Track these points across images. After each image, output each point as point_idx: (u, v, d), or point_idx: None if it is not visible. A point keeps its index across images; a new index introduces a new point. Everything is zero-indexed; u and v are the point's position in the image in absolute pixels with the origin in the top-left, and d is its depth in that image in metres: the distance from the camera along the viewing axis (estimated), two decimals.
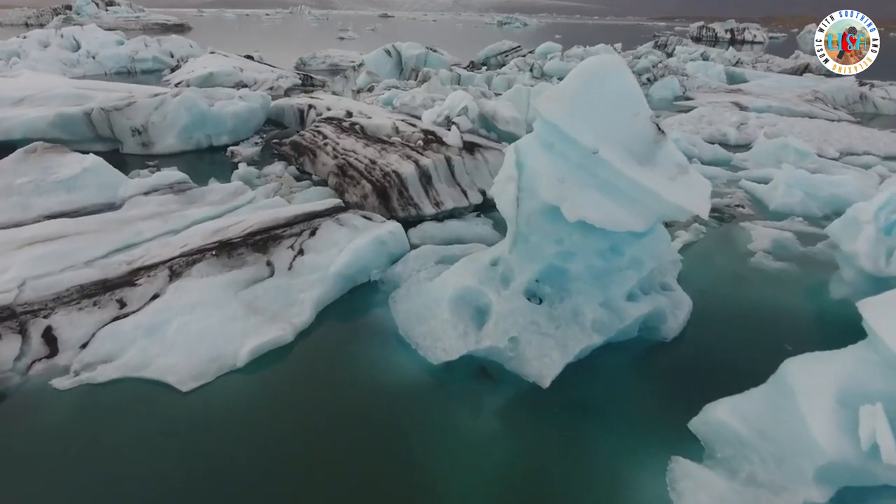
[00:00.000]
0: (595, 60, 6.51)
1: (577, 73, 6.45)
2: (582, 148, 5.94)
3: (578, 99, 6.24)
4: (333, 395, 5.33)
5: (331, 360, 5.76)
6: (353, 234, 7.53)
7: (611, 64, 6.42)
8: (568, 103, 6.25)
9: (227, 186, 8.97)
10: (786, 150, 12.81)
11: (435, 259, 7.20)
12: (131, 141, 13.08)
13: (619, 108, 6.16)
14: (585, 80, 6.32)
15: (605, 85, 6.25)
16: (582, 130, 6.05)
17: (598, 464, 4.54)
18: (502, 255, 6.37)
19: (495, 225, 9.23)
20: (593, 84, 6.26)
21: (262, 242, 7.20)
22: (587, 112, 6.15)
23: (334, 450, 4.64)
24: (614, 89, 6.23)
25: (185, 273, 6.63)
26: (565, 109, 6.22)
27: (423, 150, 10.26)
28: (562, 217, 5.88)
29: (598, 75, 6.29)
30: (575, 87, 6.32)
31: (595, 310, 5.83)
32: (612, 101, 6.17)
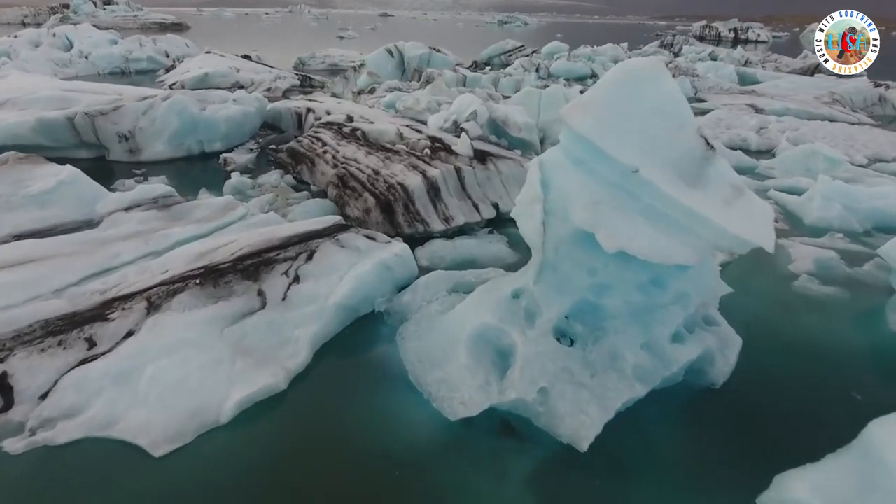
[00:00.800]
0: (631, 64, 5.72)
1: (611, 78, 5.66)
2: (620, 166, 5.15)
3: (614, 109, 5.46)
4: (333, 458, 4.53)
5: (330, 415, 4.96)
6: (355, 257, 6.73)
7: (650, 68, 5.62)
8: (602, 114, 5.46)
9: (216, 201, 8.17)
10: (815, 158, 12.02)
11: (447, 287, 6.40)
12: (118, 147, 12.28)
13: (662, 119, 5.36)
14: (621, 87, 5.54)
15: (645, 92, 5.46)
16: (619, 146, 5.27)
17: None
18: (526, 287, 5.57)
19: (510, 242, 8.44)
20: (630, 91, 5.48)
21: (252, 268, 6.40)
22: (624, 124, 5.36)
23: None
24: (655, 97, 5.44)
25: (165, 305, 5.83)
26: (599, 121, 5.44)
27: (430, 160, 9.46)
28: (596, 245, 5.09)
29: (636, 81, 5.50)
30: (609, 95, 5.54)
31: (636, 353, 5.03)
32: (652, 112, 5.38)
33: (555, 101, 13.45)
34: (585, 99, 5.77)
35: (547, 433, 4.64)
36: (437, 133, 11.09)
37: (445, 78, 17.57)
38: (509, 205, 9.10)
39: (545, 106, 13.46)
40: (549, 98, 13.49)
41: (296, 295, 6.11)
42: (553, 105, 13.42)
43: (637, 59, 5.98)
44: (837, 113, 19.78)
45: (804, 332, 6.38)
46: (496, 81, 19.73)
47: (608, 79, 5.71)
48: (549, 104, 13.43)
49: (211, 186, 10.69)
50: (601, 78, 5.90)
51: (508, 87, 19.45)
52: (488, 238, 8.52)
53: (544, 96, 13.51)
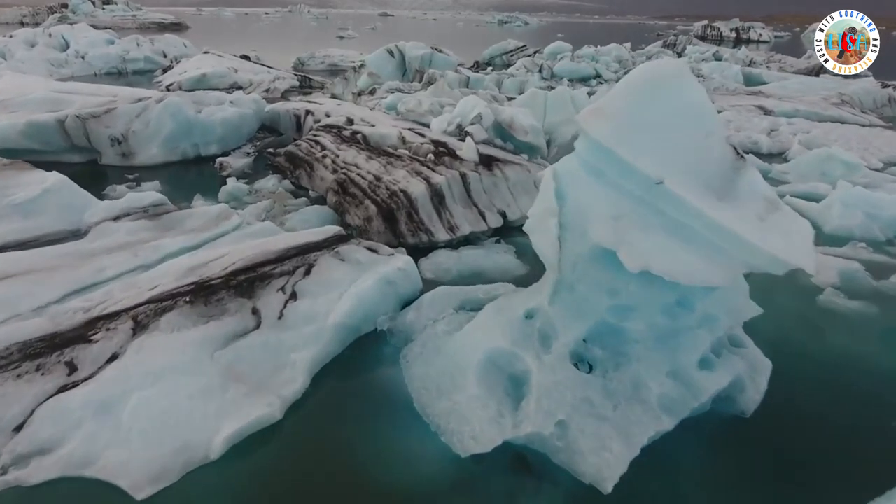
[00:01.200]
0: (653, 67, 5.33)
1: (631, 82, 5.27)
2: (642, 177, 4.76)
3: (635, 115, 5.07)
4: (332, 499, 4.14)
5: (329, 450, 4.56)
6: (355, 272, 6.33)
7: (673, 71, 5.23)
8: (622, 121, 5.08)
9: (209, 210, 7.77)
10: (831, 162, 11.62)
11: (454, 304, 6.00)
12: (110, 151, 11.88)
13: (687, 126, 4.98)
14: (642, 92, 5.15)
15: (668, 97, 5.07)
16: (641, 155, 4.88)
17: None
18: (540, 307, 5.18)
19: (519, 253, 8.05)
20: (652, 96, 5.09)
21: (246, 284, 6.00)
22: (646, 132, 4.97)
23: None
24: (679, 103, 5.06)
25: (152, 326, 5.43)
26: (619, 128, 5.05)
27: (434, 165, 9.06)
28: (616, 263, 4.70)
29: (658, 85, 5.12)
30: (629, 100, 5.15)
31: (661, 382, 4.63)
32: (677, 118, 4.99)
33: (561, 103, 13.07)
34: (603, 104, 5.37)
35: (566, 471, 4.24)
36: (441, 137, 10.69)
37: (448, 79, 17.17)
38: (517, 213, 8.73)
39: (551, 108, 13.07)
40: (555, 100, 13.10)
41: (292, 313, 5.71)
42: (559, 107, 13.05)
43: (659, 61, 5.59)
44: (847, 114, 19.37)
45: (835, 353, 5.98)
46: (500, 82, 19.33)
47: (628, 82, 5.32)
48: (555, 106, 13.05)
49: (206, 192, 10.30)
50: (620, 81, 5.51)
51: (512, 88, 19.05)
52: (495, 248, 8.12)
53: (550, 98, 13.12)
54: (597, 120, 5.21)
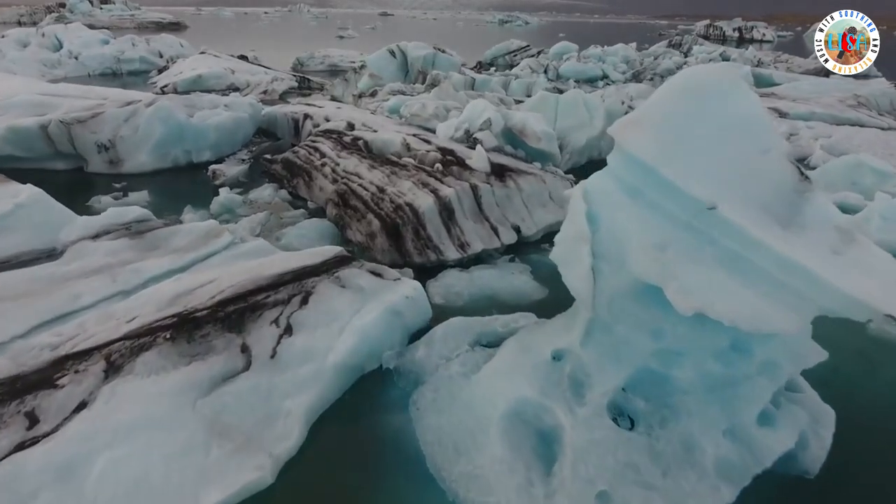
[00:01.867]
0: (698, 72, 4.69)
1: (674, 89, 4.62)
2: (691, 201, 4.11)
3: (679, 128, 4.42)
4: None
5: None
6: (358, 300, 5.67)
7: (721, 77, 4.58)
8: (665, 135, 4.43)
9: (197, 227, 7.10)
10: (861, 170, 10.96)
11: (469, 338, 5.34)
12: (97, 158, 11.22)
13: (740, 141, 4.33)
14: (686, 101, 4.50)
15: (717, 107, 4.43)
16: (689, 174, 4.23)
17: None
18: (570, 348, 4.52)
19: (535, 273, 7.38)
20: (699, 106, 4.45)
21: (236, 316, 5.33)
22: (693, 147, 4.33)
23: None
24: (730, 114, 4.41)
25: (127, 367, 4.76)
26: (661, 143, 4.40)
27: (442, 176, 8.39)
28: (660, 299, 4.05)
29: (706, 93, 4.48)
30: (673, 110, 4.50)
31: (717, 442, 3.97)
32: (728, 132, 4.35)
33: (573, 106, 12.40)
34: (641, 115, 4.72)
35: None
36: (448, 144, 10.02)
37: (453, 81, 16.51)
38: (532, 228, 8.08)
39: (562, 112, 12.40)
40: (567, 104, 12.43)
41: (287, 351, 5.05)
42: (571, 111, 12.38)
43: (705, 65, 4.94)
44: (865, 117, 18.69)
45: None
46: (506, 84, 18.66)
47: (669, 90, 4.67)
48: (567, 110, 12.37)
49: (197, 203, 9.65)
50: (659, 89, 4.85)
51: (519, 91, 18.38)
52: (509, 268, 7.45)
53: (561, 102, 12.45)
54: (635, 133, 4.55)
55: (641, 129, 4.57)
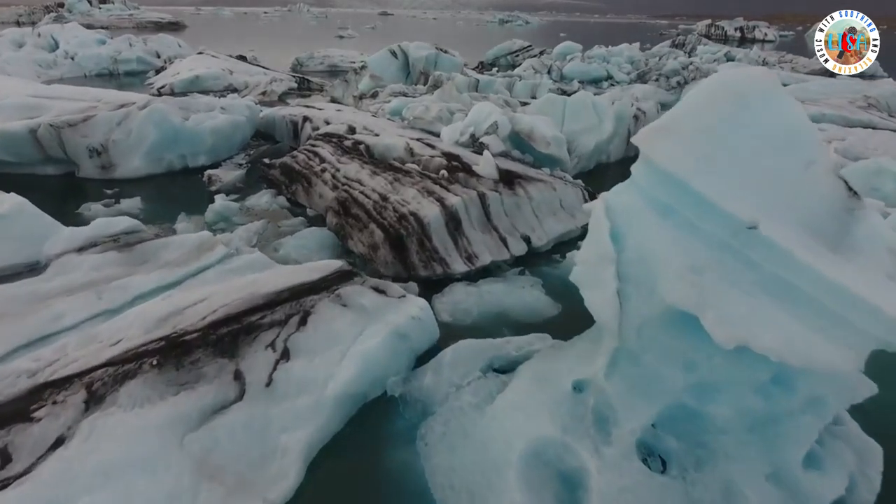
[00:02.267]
0: (733, 77, 4.31)
1: (707, 95, 4.24)
2: (729, 219, 3.73)
3: (713, 137, 4.04)
4: None
5: None
6: (360, 321, 5.27)
7: (758, 82, 4.20)
8: (697, 145, 4.04)
9: (189, 239, 6.70)
10: (882, 176, 10.55)
11: (481, 363, 4.94)
12: (88, 163, 10.82)
13: (782, 153, 3.94)
14: (722, 108, 4.12)
15: (755, 115, 4.05)
16: (728, 190, 3.85)
17: None
18: (593, 380, 4.13)
19: (547, 287, 6.98)
20: (735, 113, 4.07)
21: (229, 339, 4.94)
22: (729, 159, 3.95)
23: None
24: (770, 122, 4.03)
25: (110, 398, 4.37)
26: (694, 155, 4.02)
27: (448, 183, 8.00)
28: (694, 328, 3.66)
29: (742, 99, 4.10)
30: (705, 118, 4.11)
31: (760, 488, 3.58)
32: (767, 142, 3.96)
33: (581, 109, 12.01)
34: (670, 123, 4.33)
35: None
36: (453, 149, 9.63)
37: (456, 82, 16.11)
38: (542, 238, 7.70)
39: (570, 115, 12.01)
40: (575, 106, 12.03)
41: (284, 379, 4.65)
42: (579, 114, 11.99)
43: (739, 69, 4.55)
44: (877, 119, 18.29)
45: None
46: (511, 85, 18.26)
47: (701, 96, 4.29)
48: (575, 113, 11.98)
49: (192, 210, 9.27)
50: (688, 95, 4.47)
51: (523, 92, 17.98)
52: (519, 281, 7.06)
53: (569, 104, 12.05)
54: (665, 144, 4.16)
55: (671, 139, 4.19)
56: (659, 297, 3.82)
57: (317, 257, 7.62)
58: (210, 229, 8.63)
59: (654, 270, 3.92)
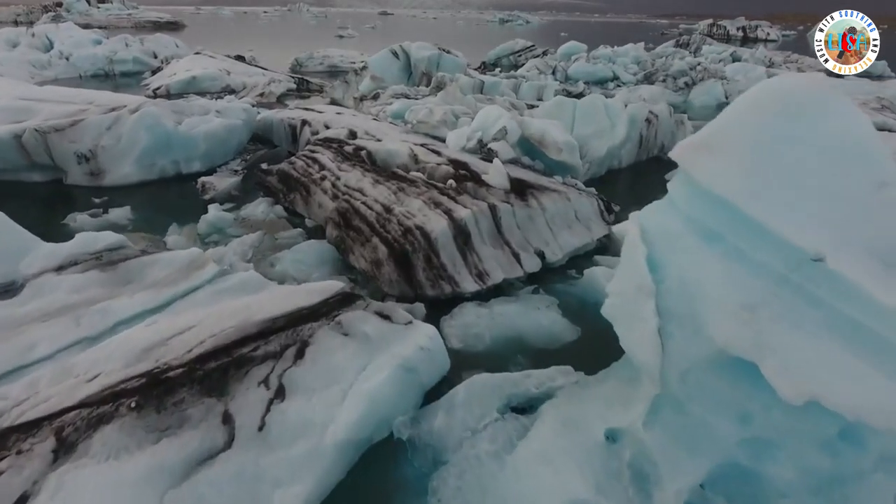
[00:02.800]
0: (785, 84, 3.84)
1: (756, 104, 3.76)
2: (789, 249, 3.25)
3: (767, 154, 3.57)
4: None
5: None
6: (363, 353, 4.77)
7: (817, 89, 3.72)
8: (749, 162, 3.57)
9: (178, 257, 6.20)
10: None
11: (498, 402, 4.45)
12: (77, 170, 10.32)
13: (849, 172, 3.46)
14: (775, 120, 3.65)
15: (815, 128, 3.58)
16: (786, 215, 3.36)
17: None
18: (630, 429, 3.64)
19: (563, 307, 6.48)
20: (791, 126, 3.60)
21: (217, 375, 4.44)
22: (788, 179, 3.47)
23: None
24: (833, 136, 3.55)
25: (82, 445, 3.88)
26: (746, 174, 3.55)
27: (456, 194, 7.50)
28: (749, 373, 3.19)
29: (799, 110, 3.63)
30: (756, 130, 3.65)
31: None
32: (832, 160, 3.48)
33: (592, 112, 11.51)
34: (712, 136, 3.85)
35: None
36: (460, 155, 9.13)
37: (460, 83, 15.61)
38: (557, 252, 7.20)
39: (581, 118, 11.50)
40: (585, 109, 11.53)
41: (279, 422, 4.15)
42: (590, 118, 11.49)
43: (791, 75, 4.04)
44: (891, 121, 17.79)
45: None
46: (517, 87, 17.75)
47: (746, 106, 3.81)
48: (586, 116, 11.48)
49: (185, 219, 8.79)
50: (732, 105, 3.98)
51: (529, 94, 17.47)
52: (534, 301, 6.56)
53: (579, 107, 11.56)
54: (709, 161, 3.68)
55: (717, 156, 3.70)
56: (707, 337, 3.34)
57: (316, 273, 7.15)
58: (203, 242, 8.16)
59: (700, 306, 3.43)
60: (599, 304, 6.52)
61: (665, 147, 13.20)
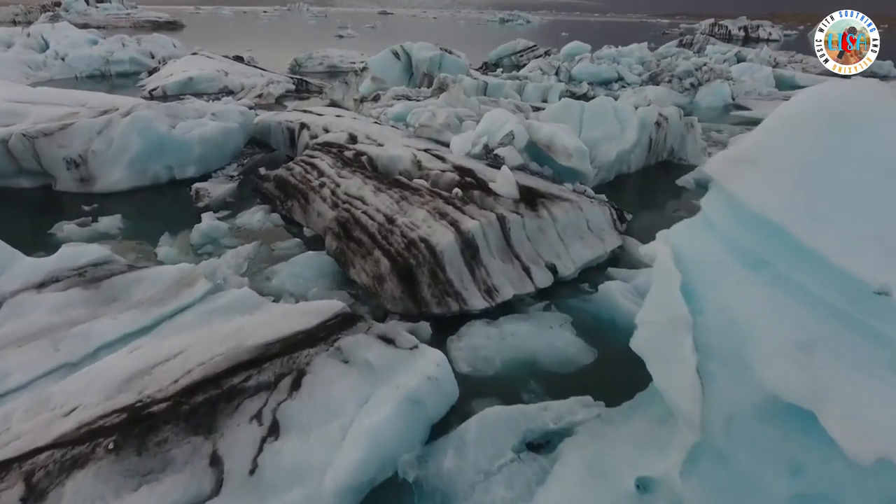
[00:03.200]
0: (835, 91, 3.47)
1: (803, 114, 3.40)
2: (851, 281, 2.86)
3: (815, 170, 3.21)
4: None
5: None
6: (365, 384, 4.38)
7: (870, 98, 3.36)
8: (794, 180, 3.20)
9: (167, 272, 5.81)
10: None
11: (513, 439, 4.06)
12: (66, 176, 9.94)
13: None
14: (824, 132, 3.29)
15: (870, 142, 3.26)
16: (845, 242, 2.98)
17: None
18: (664, 478, 3.25)
19: (577, 325, 6.09)
20: (846, 139, 3.26)
21: (205, 410, 4.05)
22: (844, 200, 3.11)
23: None
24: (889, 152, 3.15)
25: (53, 493, 3.50)
26: (793, 193, 3.18)
27: (462, 204, 7.11)
28: (803, 420, 2.81)
29: (850, 121, 3.31)
30: (802, 144, 3.28)
31: None
32: (892, 178, 3.08)
33: (600, 116, 11.12)
34: (754, 150, 3.47)
35: None
36: (465, 161, 8.74)
37: (463, 85, 15.21)
38: (569, 266, 6.82)
39: (588, 122, 11.11)
40: (594, 112, 11.14)
41: (272, 464, 3.76)
42: (598, 121, 11.10)
43: (839, 82, 3.65)
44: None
45: None
46: (521, 89, 17.35)
47: (791, 116, 3.44)
48: (594, 120, 11.09)
49: (177, 229, 8.41)
50: (775, 114, 3.60)
51: (534, 96, 17.08)
52: (546, 318, 6.17)
53: (587, 110, 11.16)
54: (752, 178, 3.31)
55: (760, 171, 3.33)
56: (756, 380, 2.95)
57: (314, 288, 6.76)
58: (196, 253, 7.78)
59: (746, 343, 3.04)
60: (615, 321, 6.23)
61: (674, 151, 12.83)
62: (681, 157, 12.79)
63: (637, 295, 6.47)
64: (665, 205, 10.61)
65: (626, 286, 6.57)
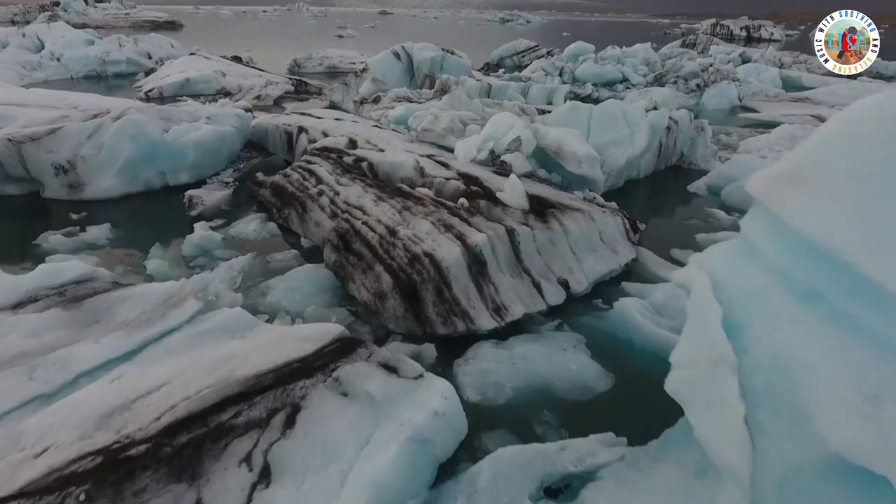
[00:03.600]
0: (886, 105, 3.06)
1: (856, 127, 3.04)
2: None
3: (878, 191, 2.82)
4: None
5: None
6: (367, 420, 3.99)
7: None
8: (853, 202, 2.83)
9: (153, 291, 5.43)
10: None
11: (529, 484, 3.67)
12: (54, 182, 9.55)
13: None
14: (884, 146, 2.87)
15: None
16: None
17: None
18: None
19: (591, 346, 5.70)
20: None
21: (189, 452, 3.66)
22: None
23: None
24: None
25: None
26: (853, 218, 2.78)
27: (468, 215, 6.72)
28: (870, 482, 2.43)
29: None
30: (858, 160, 2.90)
31: None
32: None
33: (609, 119, 10.73)
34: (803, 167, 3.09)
35: None
36: (470, 168, 8.35)
37: (466, 87, 14.82)
38: (583, 281, 6.44)
39: (597, 126, 10.74)
40: (602, 116, 10.76)
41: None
42: (607, 124, 10.72)
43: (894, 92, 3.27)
44: None
45: None
46: (526, 91, 16.95)
47: (848, 129, 3.05)
48: (603, 123, 10.71)
49: (168, 239, 8.04)
50: (826, 127, 3.21)
51: (539, 98, 16.69)
52: (559, 339, 5.77)
53: (595, 114, 10.78)
54: (801, 197, 2.94)
55: (813, 192, 2.95)
56: (815, 434, 2.57)
57: (312, 305, 6.38)
58: (187, 266, 7.40)
59: (801, 390, 2.66)
60: (632, 341, 5.83)
61: (684, 155, 12.45)
62: (691, 161, 12.42)
63: (654, 312, 6.10)
64: (677, 212, 10.23)
65: (643, 303, 6.19)
